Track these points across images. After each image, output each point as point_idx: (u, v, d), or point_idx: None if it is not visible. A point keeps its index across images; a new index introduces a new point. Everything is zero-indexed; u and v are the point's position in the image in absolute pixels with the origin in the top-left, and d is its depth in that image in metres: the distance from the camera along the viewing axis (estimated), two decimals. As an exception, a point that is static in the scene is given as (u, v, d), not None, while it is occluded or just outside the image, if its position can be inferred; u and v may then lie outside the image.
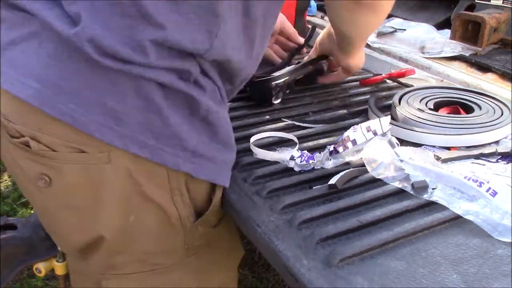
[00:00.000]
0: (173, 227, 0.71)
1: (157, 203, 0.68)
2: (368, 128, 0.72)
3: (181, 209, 0.70)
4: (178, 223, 0.71)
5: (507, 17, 1.25)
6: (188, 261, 0.75)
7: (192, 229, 0.73)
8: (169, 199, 0.69)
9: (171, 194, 0.68)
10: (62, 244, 0.76)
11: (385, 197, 0.68)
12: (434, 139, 0.81)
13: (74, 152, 0.64)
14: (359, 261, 0.57)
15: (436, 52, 1.24)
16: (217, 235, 0.78)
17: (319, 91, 1.07)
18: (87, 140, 0.62)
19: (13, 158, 0.68)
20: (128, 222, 0.69)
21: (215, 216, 0.75)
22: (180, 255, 0.74)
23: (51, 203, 0.71)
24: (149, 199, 0.68)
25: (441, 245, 0.59)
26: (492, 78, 1.12)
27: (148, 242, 0.71)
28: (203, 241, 0.75)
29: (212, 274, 0.81)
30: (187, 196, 0.70)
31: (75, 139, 0.63)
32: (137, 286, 0.75)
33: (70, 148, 0.63)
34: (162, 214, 0.69)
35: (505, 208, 0.64)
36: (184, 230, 0.72)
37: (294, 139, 0.83)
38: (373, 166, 0.72)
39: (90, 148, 0.63)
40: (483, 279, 0.54)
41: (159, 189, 0.67)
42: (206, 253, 0.77)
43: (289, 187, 0.71)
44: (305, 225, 0.63)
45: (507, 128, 0.83)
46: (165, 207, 0.69)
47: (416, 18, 1.47)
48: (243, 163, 0.76)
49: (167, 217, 0.70)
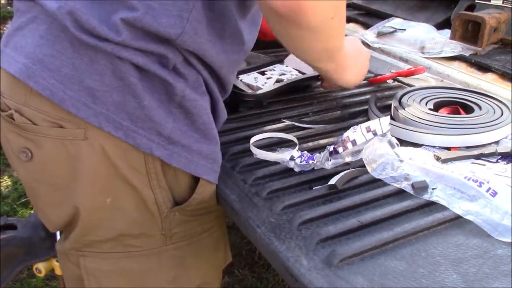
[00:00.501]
0: (149, 211, 0.72)
1: (134, 186, 0.69)
2: (368, 128, 0.72)
3: (158, 194, 0.70)
4: (154, 208, 0.71)
5: (507, 17, 1.25)
6: (166, 249, 0.75)
7: (169, 215, 0.73)
8: (146, 183, 0.69)
9: (148, 177, 0.69)
10: (45, 221, 0.77)
11: (385, 197, 0.68)
12: (434, 139, 0.81)
13: (53, 127, 0.67)
14: (359, 261, 0.57)
15: (436, 52, 1.24)
16: (201, 229, 0.78)
17: (319, 91, 1.07)
18: (65, 116, 0.65)
19: (3, 131, 0.72)
20: (105, 203, 0.70)
21: (197, 207, 0.75)
22: (158, 241, 0.74)
23: (32, 177, 0.73)
24: (126, 182, 0.69)
25: (441, 245, 0.59)
26: (492, 78, 1.12)
27: (124, 224, 0.72)
28: (181, 229, 0.75)
29: (191, 268, 0.80)
30: (164, 181, 0.70)
31: (55, 114, 0.66)
32: (111, 267, 0.75)
33: (50, 122, 0.66)
34: (139, 197, 0.70)
35: (505, 208, 0.64)
36: (161, 216, 0.72)
37: (294, 139, 0.83)
38: (373, 167, 0.72)
39: (68, 124, 0.66)
40: (483, 279, 0.54)
41: (136, 172, 0.68)
42: (187, 245, 0.77)
43: (289, 188, 0.71)
44: (305, 225, 0.63)
45: (507, 128, 0.83)
46: (142, 190, 0.70)
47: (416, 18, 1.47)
48: (243, 164, 0.76)
49: (143, 200, 0.70)
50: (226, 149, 0.80)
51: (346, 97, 1.04)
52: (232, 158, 0.79)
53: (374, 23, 1.47)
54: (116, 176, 0.68)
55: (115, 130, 0.65)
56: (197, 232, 0.78)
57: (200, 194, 0.73)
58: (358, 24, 1.58)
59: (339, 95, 1.05)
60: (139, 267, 0.76)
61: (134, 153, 0.67)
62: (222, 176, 0.74)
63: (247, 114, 0.94)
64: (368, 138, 0.72)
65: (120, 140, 0.65)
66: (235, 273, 1.80)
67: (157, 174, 0.69)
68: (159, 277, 0.77)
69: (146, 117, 0.65)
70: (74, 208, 0.71)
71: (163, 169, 0.69)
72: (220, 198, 0.74)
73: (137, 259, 0.75)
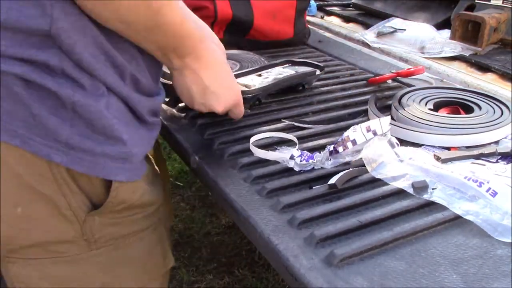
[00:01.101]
0: (65, 218, 0.69)
1: (42, 193, 0.66)
2: (368, 128, 0.72)
3: (71, 199, 0.68)
4: (70, 213, 0.69)
5: (507, 17, 1.25)
6: (92, 254, 0.72)
7: (87, 219, 0.70)
8: (55, 189, 0.67)
9: (56, 183, 0.66)
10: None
11: (385, 197, 0.68)
12: (434, 139, 0.81)
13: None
14: (359, 261, 0.57)
15: (436, 52, 1.25)
16: (130, 233, 0.75)
17: (319, 91, 1.07)
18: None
19: None
20: (16, 213, 0.67)
21: (119, 210, 0.72)
22: (81, 246, 0.71)
23: None
24: (34, 190, 0.66)
25: (441, 245, 0.59)
26: (492, 78, 1.12)
27: (41, 232, 0.69)
28: (105, 233, 0.72)
29: (121, 274, 0.76)
30: (75, 185, 0.67)
31: None
32: (38, 272, 0.73)
33: None
34: (50, 204, 0.67)
35: (505, 208, 0.64)
36: (79, 221, 0.69)
37: (294, 139, 0.83)
38: (373, 166, 0.72)
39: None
40: (483, 279, 0.54)
41: (43, 178, 0.66)
42: (114, 249, 0.74)
43: (288, 187, 0.71)
44: (305, 225, 0.63)
45: (507, 128, 0.83)
46: (52, 197, 0.67)
47: (416, 18, 1.47)
48: (242, 164, 0.76)
49: (56, 207, 0.68)
50: (225, 148, 0.81)
51: (346, 97, 1.04)
52: (231, 157, 0.79)
53: (374, 23, 1.48)
54: (23, 185, 0.66)
55: (10, 139, 0.62)
56: (124, 236, 0.74)
57: (115, 196, 0.70)
58: (358, 24, 1.58)
59: (339, 95, 1.05)
60: (66, 274, 0.73)
61: (37, 161, 0.64)
62: (222, 175, 0.74)
63: (246, 114, 0.94)
64: (368, 138, 0.72)
65: (20, 148, 0.63)
66: (235, 273, 1.80)
67: (64, 179, 0.66)
68: (87, 283, 0.74)
69: (40, 124, 0.62)
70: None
71: (70, 173, 0.67)
72: (219, 198, 0.74)
73: (62, 265, 0.72)
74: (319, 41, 1.44)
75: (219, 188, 0.73)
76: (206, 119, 0.91)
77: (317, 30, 1.57)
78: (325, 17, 1.68)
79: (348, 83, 1.12)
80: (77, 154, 0.65)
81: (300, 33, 1.39)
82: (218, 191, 0.73)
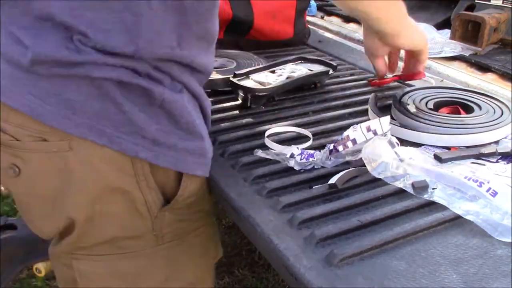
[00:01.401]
0: (139, 213, 0.72)
1: (122, 189, 0.69)
2: (368, 127, 0.72)
3: (147, 194, 0.71)
4: (144, 209, 0.71)
5: (507, 17, 1.25)
6: (158, 249, 0.75)
7: (159, 215, 0.73)
8: (134, 184, 0.69)
9: (136, 179, 0.69)
10: (37, 231, 0.77)
11: (385, 197, 0.68)
12: (434, 139, 0.81)
13: (37, 141, 0.66)
14: (359, 261, 0.57)
15: (436, 52, 1.25)
16: (192, 229, 0.79)
17: (319, 91, 1.07)
18: (47, 129, 0.65)
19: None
20: (95, 210, 0.70)
21: (185, 205, 0.75)
22: (149, 241, 0.75)
23: (22, 192, 0.73)
24: (114, 187, 0.69)
25: (441, 245, 0.59)
26: (492, 78, 1.12)
27: (115, 228, 0.72)
28: (172, 229, 0.75)
29: (182, 267, 0.80)
30: (153, 181, 0.70)
31: (37, 129, 0.66)
32: (105, 269, 0.75)
33: (33, 137, 0.66)
34: (128, 200, 0.70)
35: (505, 208, 0.63)
36: (151, 216, 0.73)
37: (309, 134, 0.84)
38: (373, 166, 0.72)
39: (51, 137, 0.66)
40: (483, 279, 0.54)
41: (124, 174, 0.68)
42: (178, 244, 0.77)
43: (289, 187, 0.71)
44: (305, 224, 0.63)
45: (507, 128, 0.83)
46: (131, 192, 0.70)
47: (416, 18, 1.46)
48: (243, 163, 0.76)
49: (133, 203, 0.70)
50: (226, 147, 0.81)
51: (346, 97, 1.04)
52: (232, 156, 0.79)
53: (374, 23, 1.47)
54: (104, 183, 0.68)
55: (98, 138, 0.65)
56: (187, 231, 0.78)
57: (185, 189, 0.73)
58: (358, 24, 1.58)
59: (339, 95, 1.05)
60: (132, 268, 0.76)
61: (120, 158, 0.67)
62: (222, 175, 0.74)
63: (246, 113, 0.95)
64: (368, 138, 0.72)
65: (106, 147, 0.65)
66: (235, 273, 1.80)
67: (145, 175, 0.69)
68: (152, 277, 0.77)
69: (129, 122, 0.65)
70: (67, 219, 0.71)
71: (151, 169, 0.70)
72: (219, 197, 0.74)
73: (130, 260, 0.75)
74: (319, 41, 1.44)
75: (219, 188, 0.73)
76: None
77: (317, 30, 1.57)
78: (325, 17, 1.68)
79: (348, 83, 1.12)
80: (161, 149, 0.68)
81: (300, 33, 1.39)
82: (218, 191, 0.73)
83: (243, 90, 0.95)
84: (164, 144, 0.68)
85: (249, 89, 0.94)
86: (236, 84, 0.96)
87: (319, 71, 1.06)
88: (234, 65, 1.10)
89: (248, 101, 0.95)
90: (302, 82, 1.04)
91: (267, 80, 0.98)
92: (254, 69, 1.02)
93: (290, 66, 1.08)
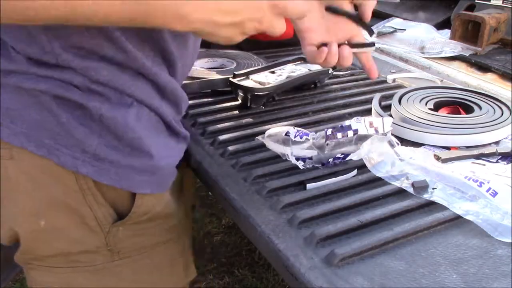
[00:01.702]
0: (90, 229, 0.69)
1: (68, 204, 0.66)
2: (371, 123, 0.72)
3: (96, 210, 0.68)
4: (94, 224, 0.68)
5: (507, 17, 1.25)
6: (114, 264, 0.72)
7: (112, 230, 0.70)
8: (81, 200, 0.66)
9: (82, 194, 0.66)
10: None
11: (385, 197, 0.68)
12: (434, 139, 0.81)
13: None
14: (359, 261, 0.57)
15: (436, 52, 1.25)
16: (154, 244, 0.75)
17: (319, 91, 1.07)
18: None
19: None
20: (39, 224, 0.67)
21: (143, 220, 0.71)
22: (105, 256, 0.71)
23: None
24: (59, 202, 0.66)
25: (441, 245, 0.59)
26: (492, 78, 1.12)
27: (65, 243, 0.69)
28: (129, 244, 0.72)
29: (144, 284, 0.76)
30: (101, 197, 0.67)
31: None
32: (58, 281, 0.73)
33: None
34: (75, 215, 0.67)
35: (505, 209, 0.63)
36: (103, 232, 0.69)
37: None
38: (372, 163, 0.72)
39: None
40: (483, 279, 0.54)
41: (69, 189, 0.66)
42: (137, 260, 0.74)
43: (289, 187, 0.71)
44: (305, 224, 0.62)
45: (507, 128, 0.83)
46: (78, 208, 0.67)
47: (416, 18, 1.47)
48: (243, 163, 0.76)
49: (81, 218, 0.68)
50: (225, 147, 0.80)
51: (346, 97, 1.04)
52: (232, 156, 0.79)
53: (374, 23, 1.48)
54: (48, 197, 0.66)
55: (37, 149, 0.62)
56: (147, 247, 0.74)
57: (140, 206, 0.70)
58: (358, 24, 1.57)
59: (340, 95, 1.05)
60: (86, 283, 0.73)
61: (63, 171, 0.64)
62: (222, 175, 0.74)
63: (246, 113, 0.95)
64: (370, 133, 0.72)
65: (46, 158, 0.63)
66: (235, 273, 1.80)
67: (91, 190, 0.66)
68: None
69: (68, 134, 0.62)
70: (11, 230, 0.69)
71: (96, 184, 0.66)
72: (219, 197, 0.74)
73: (83, 274, 0.72)
74: (319, 41, 1.44)
75: (219, 188, 0.73)
76: (207, 117, 0.91)
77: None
78: (325, 17, 1.67)
79: (348, 83, 1.12)
80: (103, 165, 0.64)
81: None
82: (218, 191, 0.73)
83: (243, 90, 0.95)
84: (105, 159, 0.64)
85: (249, 89, 0.94)
86: (236, 84, 0.96)
87: (319, 70, 1.06)
88: (234, 65, 1.10)
89: (248, 101, 0.95)
90: (302, 82, 1.04)
91: (267, 80, 0.98)
92: (253, 70, 1.02)
93: (290, 66, 1.08)
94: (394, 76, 1.14)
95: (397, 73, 1.16)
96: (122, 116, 0.64)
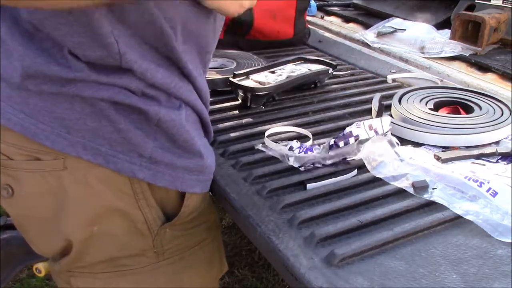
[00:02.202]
0: (139, 232, 0.70)
1: (120, 209, 0.67)
2: (370, 126, 0.72)
3: (147, 213, 0.69)
4: (144, 227, 0.70)
5: (507, 17, 1.25)
6: (159, 265, 0.73)
7: (159, 232, 0.71)
8: (133, 204, 0.68)
9: (135, 198, 0.67)
10: (37, 250, 0.75)
11: (385, 197, 0.68)
12: (434, 139, 0.81)
13: (30, 160, 0.64)
14: (359, 261, 0.57)
15: (436, 52, 1.25)
16: (195, 243, 0.77)
17: (319, 91, 1.07)
18: (41, 148, 0.63)
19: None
20: (93, 231, 0.68)
21: (188, 221, 0.73)
22: (150, 258, 0.73)
23: (17, 213, 0.71)
24: (112, 208, 0.67)
25: (441, 245, 0.59)
26: (492, 78, 1.12)
27: (114, 248, 0.70)
28: (173, 245, 0.74)
29: (185, 283, 0.78)
30: (153, 199, 0.69)
31: (30, 147, 0.63)
32: (104, 286, 0.73)
33: (26, 156, 0.64)
34: (127, 220, 0.68)
35: (505, 209, 0.63)
36: (152, 234, 0.71)
37: (309, 134, 0.84)
38: (373, 165, 0.72)
39: (45, 156, 0.64)
40: (483, 279, 0.54)
41: (122, 194, 0.66)
42: (179, 260, 0.75)
43: (289, 187, 0.71)
44: (305, 224, 0.62)
45: (507, 128, 0.83)
46: (130, 212, 0.68)
47: (416, 18, 1.47)
48: (243, 163, 0.76)
49: (132, 223, 0.69)
50: (226, 147, 0.80)
51: (346, 97, 1.04)
52: (232, 156, 0.79)
53: (374, 23, 1.48)
54: (102, 203, 0.67)
55: (94, 157, 0.63)
56: (189, 246, 0.76)
57: (188, 206, 0.71)
58: (358, 24, 1.58)
59: (340, 95, 1.05)
60: (132, 286, 0.74)
61: (118, 177, 0.65)
62: (222, 175, 0.74)
63: (246, 113, 0.95)
64: (370, 136, 0.72)
65: (102, 166, 0.63)
66: (235, 273, 1.80)
67: (144, 194, 0.68)
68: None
69: (124, 140, 0.63)
70: (64, 240, 0.69)
71: (150, 187, 0.68)
72: (219, 197, 0.74)
73: (129, 277, 0.73)
74: (319, 41, 1.44)
75: (219, 187, 0.73)
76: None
77: (317, 30, 1.57)
78: (325, 17, 1.68)
79: (348, 83, 1.12)
80: (159, 168, 0.66)
81: (300, 33, 1.39)
82: (218, 191, 0.73)
83: (243, 89, 0.95)
84: (161, 162, 0.66)
85: (248, 89, 0.94)
86: (236, 84, 0.96)
87: (319, 70, 1.06)
88: (234, 65, 1.10)
89: (248, 101, 0.95)
90: (302, 81, 1.04)
91: (267, 80, 0.98)
92: (253, 69, 1.02)
93: (290, 66, 1.08)
94: (394, 76, 1.14)
95: (397, 73, 1.16)
96: (178, 118, 0.66)
